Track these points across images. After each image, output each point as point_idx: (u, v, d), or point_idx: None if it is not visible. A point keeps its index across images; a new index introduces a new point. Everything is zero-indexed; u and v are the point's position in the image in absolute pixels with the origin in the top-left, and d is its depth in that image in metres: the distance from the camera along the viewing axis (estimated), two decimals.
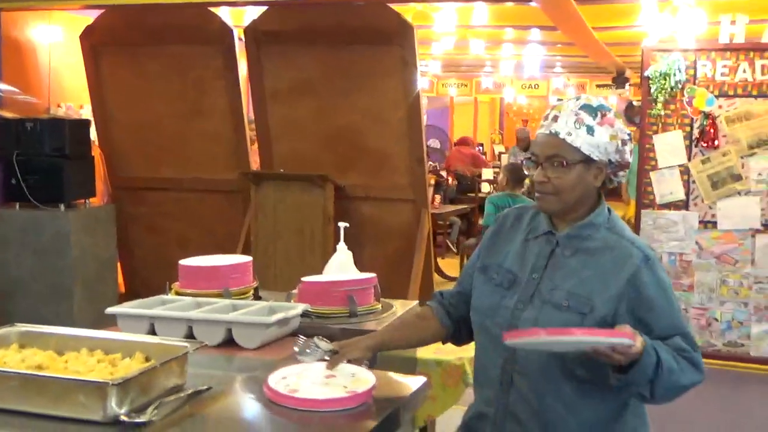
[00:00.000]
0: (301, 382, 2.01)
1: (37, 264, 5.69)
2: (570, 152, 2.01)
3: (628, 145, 2.05)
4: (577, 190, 2.04)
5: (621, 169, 2.08)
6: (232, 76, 6.13)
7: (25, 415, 1.91)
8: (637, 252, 2.02)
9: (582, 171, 2.03)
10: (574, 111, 2.03)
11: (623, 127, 2.05)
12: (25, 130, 5.65)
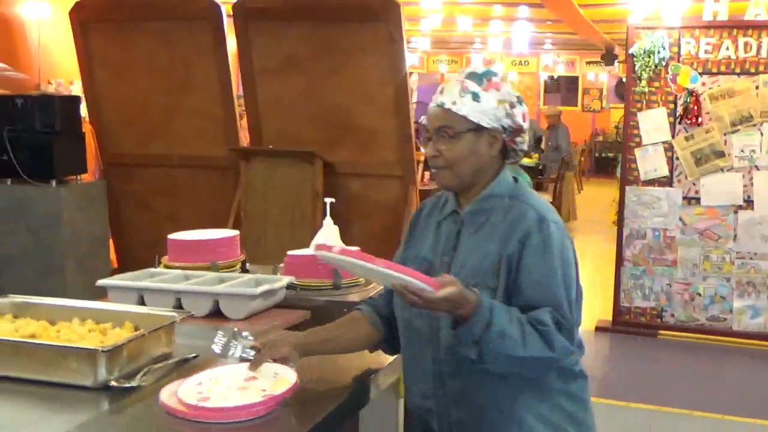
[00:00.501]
0: (215, 389, 1.84)
1: (29, 240, 5.75)
2: (457, 121, 1.92)
3: (518, 108, 1.96)
4: (470, 161, 1.93)
5: (517, 134, 1.97)
6: (220, 52, 6.16)
7: (19, 381, 2.00)
8: (532, 213, 1.91)
9: (472, 140, 1.93)
10: (460, 80, 1.95)
11: (511, 91, 1.96)
12: (16, 107, 5.68)
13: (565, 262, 1.88)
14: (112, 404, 1.90)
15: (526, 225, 1.88)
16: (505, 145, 1.98)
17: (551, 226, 1.89)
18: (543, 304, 1.83)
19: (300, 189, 5.93)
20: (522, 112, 1.96)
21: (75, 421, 1.77)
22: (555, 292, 1.85)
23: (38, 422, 1.80)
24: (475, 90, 1.92)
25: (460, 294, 1.75)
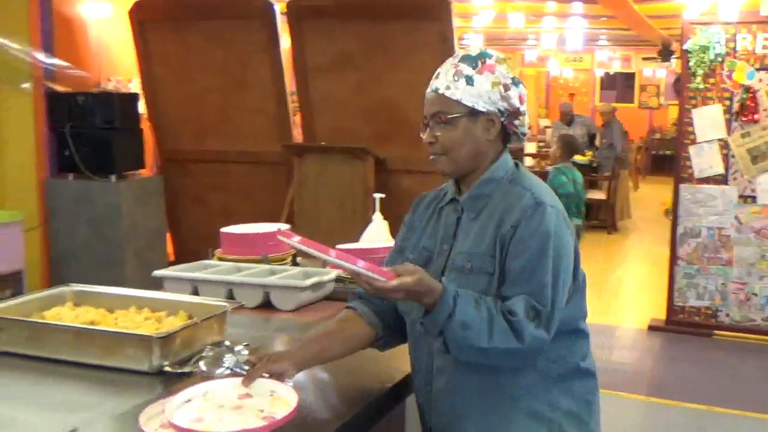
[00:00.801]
0: (207, 409, 1.67)
1: (90, 233, 5.93)
2: (451, 106, 1.86)
3: (514, 90, 1.88)
4: (467, 146, 1.87)
5: (514, 117, 1.90)
6: (274, 50, 6.26)
7: (80, 365, 2.09)
8: (529, 197, 1.83)
9: (468, 124, 1.86)
10: (453, 64, 1.88)
11: (506, 72, 1.88)
12: (77, 104, 5.87)
13: (558, 249, 1.79)
14: (166, 388, 1.98)
15: (520, 209, 1.81)
16: (505, 128, 1.91)
17: (547, 210, 1.80)
18: (524, 291, 1.75)
19: (352, 185, 6.00)
20: (518, 93, 1.88)
21: (131, 403, 1.85)
22: (540, 279, 1.76)
23: (97, 404, 1.89)
24: (469, 73, 1.85)
25: (418, 283, 1.69)
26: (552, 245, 1.78)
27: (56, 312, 2.34)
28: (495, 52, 1.92)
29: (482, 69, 1.85)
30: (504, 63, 1.89)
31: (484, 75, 1.85)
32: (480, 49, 1.91)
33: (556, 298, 1.77)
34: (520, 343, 1.71)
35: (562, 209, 1.87)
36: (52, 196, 5.99)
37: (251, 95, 6.44)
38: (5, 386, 1.97)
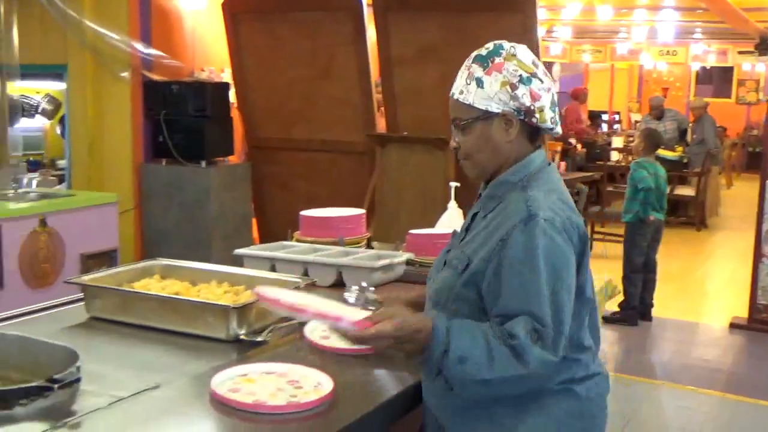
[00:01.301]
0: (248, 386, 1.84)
1: (181, 216, 6.21)
2: (464, 111, 1.83)
3: (522, 88, 1.79)
4: (486, 150, 1.83)
5: (530, 115, 1.81)
6: (360, 41, 6.41)
7: (163, 331, 2.27)
8: (523, 209, 1.74)
9: (484, 128, 1.82)
10: (467, 65, 1.84)
11: (516, 69, 1.79)
12: (171, 92, 6.15)
13: (552, 264, 1.69)
14: (240, 355, 2.13)
15: (511, 222, 1.74)
16: (529, 126, 1.83)
17: (538, 225, 1.71)
18: (520, 312, 1.67)
19: (432, 175, 6.09)
20: (528, 90, 1.78)
21: (207, 366, 2.01)
22: (534, 298, 1.66)
23: (177, 365, 2.05)
24: (479, 75, 1.80)
25: (400, 327, 1.66)
26: (543, 261, 1.68)
27: (144, 283, 2.53)
28: (509, 45, 1.84)
29: (491, 69, 1.79)
30: (513, 59, 1.80)
31: (492, 75, 1.79)
32: (494, 44, 1.84)
33: (560, 316, 1.68)
34: (524, 368, 1.63)
35: (565, 219, 1.75)
36: (146, 180, 6.30)
37: (337, 85, 6.60)
38: (97, 347, 2.15)
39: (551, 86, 1.85)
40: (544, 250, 1.69)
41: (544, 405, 1.77)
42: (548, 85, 1.83)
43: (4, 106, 6.18)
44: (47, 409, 1.71)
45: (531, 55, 1.84)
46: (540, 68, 1.84)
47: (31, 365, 1.91)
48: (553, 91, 1.85)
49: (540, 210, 1.73)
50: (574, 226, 1.77)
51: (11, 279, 4.56)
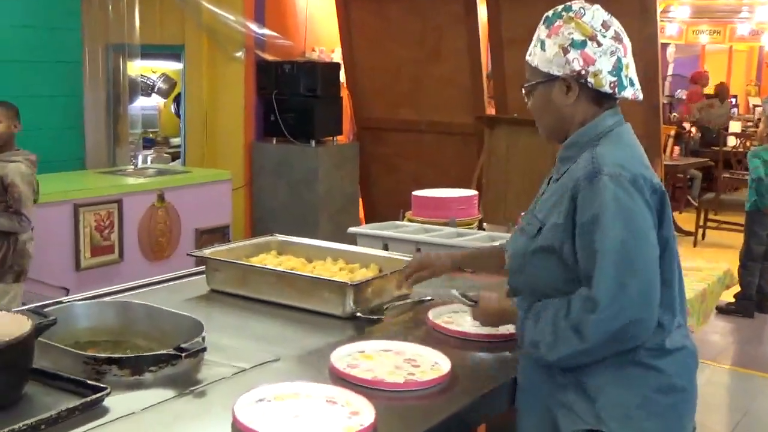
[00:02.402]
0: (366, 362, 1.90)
1: (289, 194, 6.31)
2: (531, 74, 1.83)
3: (573, 52, 1.75)
4: (549, 113, 1.82)
5: (583, 78, 1.76)
6: (471, 22, 6.34)
7: (280, 306, 2.31)
8: (588, 166, 1.71)
9: (545, 91, 1.81)
10: (538, 27, 1.83)
11: (573, 29, 1.75)
12: (284, 72, 6.24)
13: (619, 220, 1.64)
14: (356, 332, 2.15)
15: (577, 179, 1.71)
16: (592, 89, 1.77)
17: (602, 180, 1.67)
18: (588, 275, 1.66)
19: (540, 157, 5.98)
20: (579, 54, 1.74)
21: (325, 341, 2.04)
22: (594, 265, 1.64)
23: (296, 339, 2.09)
24: (542, 37, 1.78)
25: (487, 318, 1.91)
26: (609, 218, 1.64)
27: (261, 258, 2.58)
28: (578, 5, 1.79)
29: (551, 32, 1.77)
30: (572, 21, 1.76)
31: (551, 38, 1.77)
32: (563, 6, 1.80)
33: (630, 273, 1.62)
34: (585, 343, 1.64)
35: (635, 174, 1.69)
36: (257, 158, 6.42)
37: (446, 66, 6.56)
38: (218, 318, 2.21)
39: (616, 48, 1.77)
40: (610, 206, 1.65)
41: (626, 376, 1.71)
42: (610, 48, 1.76)
43: (125, 85, 6.42)
44: (175, 377, 1.76)
45: (602, 17, 1.78)
46: (608, 31, 1.77)
47: (157, 334, 1.98)
48: (619, 54, 1.77)
49: (605, 166, 1.69)
50: (645, 181, 1.70)
51: (130, 251, 4.75)
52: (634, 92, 1.80)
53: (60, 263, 4.40)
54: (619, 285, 1.61)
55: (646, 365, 1.71)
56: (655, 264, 1.66)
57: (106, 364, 1.73)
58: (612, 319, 1.61)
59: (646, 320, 1.65)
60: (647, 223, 1.67)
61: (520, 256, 1.82)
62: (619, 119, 1.82)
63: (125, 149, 6.40)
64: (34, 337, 1.64)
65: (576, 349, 1.65)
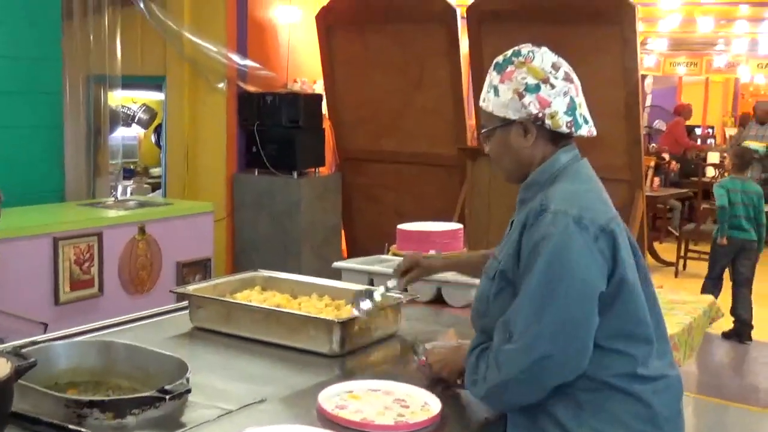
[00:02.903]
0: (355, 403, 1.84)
1: (271, 226, 6.27)
2: (486, 119, 1.85)
3: (528, 96, 1.76)
4: (508, 156, 1.84)
5: (539, 120, 1.77)
6: (453, 53, 6.36)
7: (266, 343, 2.27)
8: (537, 202, 1.74)
9: (503, 135, 1.83)
10: (489, 73, 1.84)
11: (525, 74, 1.77)
12: (266, 103, 6.22)
13: (552, 256, 1.66)
14: (343, 370, 2.12)
15: (527, 215, 1.73)
16: (547, 130, 1.79)
17: (545, 218, 1.69)
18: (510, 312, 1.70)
19: None
20: (534, 98, 1.75)
21: (312, 381, 1.99)
22: (522, 294, 1.68)
23: (282, 378, 2.05)
24: (495, 83, 1.80)
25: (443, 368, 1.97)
26: (543, 253, 1.66)
27: (246, 294, 2.54)
28: (527, 50, 1.81)
29: (504, 77, 1.79)
30: (524, 66, 1.78)
31: (505, 84, 1.79)
32: (512, 51, 1.82)
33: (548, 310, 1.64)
34: (500, 374, 1.69)
35: (581, 211, 1.69)
36: (238, 190, 6.39)
37: (428, 97, 6.58)
38: (202, 358, 2.16)
39: (568, 89, 1.79)
40: (547, 241, 1.67)
41: (603, 405, 1.71)
42: (563, 89, 1.78)
43: (106, 116, 6.38)
44: (158, 420, 1.72)
45: (551, 59, 1.80)
46: (558, 72, 1.79)
47: (140, 374, 1.93)
48: (572, 95, 1.79)
49: (552, 203, 1.71)
50: (593, 221, 1.69)
51: (110, 285, 4.68)
52: (589, 129, 1.82)
53: (38, 297, 4.32)
54: (533, 319, 1.64)
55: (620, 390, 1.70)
56: (582, 303, 1.66)
57: (88, 407, 1.67)
58: (522, 352, 1.65)
59: (557, 357, 1.65)
60: (582, 261, 1.66)
61: (484, 299, 1.82)
62: (575, 155, 1.84)
63: (105, 180, 6.34)
64: (13, 381, 1.59)
65: (496, 381, 1.69)
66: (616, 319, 1.71)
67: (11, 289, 4.15)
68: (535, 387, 1.69)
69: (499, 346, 1.68)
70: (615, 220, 1.75)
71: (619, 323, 1.71)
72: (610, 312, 1.70)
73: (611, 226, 1.72)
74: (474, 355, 1.78)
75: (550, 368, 1.65)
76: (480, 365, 1.75)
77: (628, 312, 1.72)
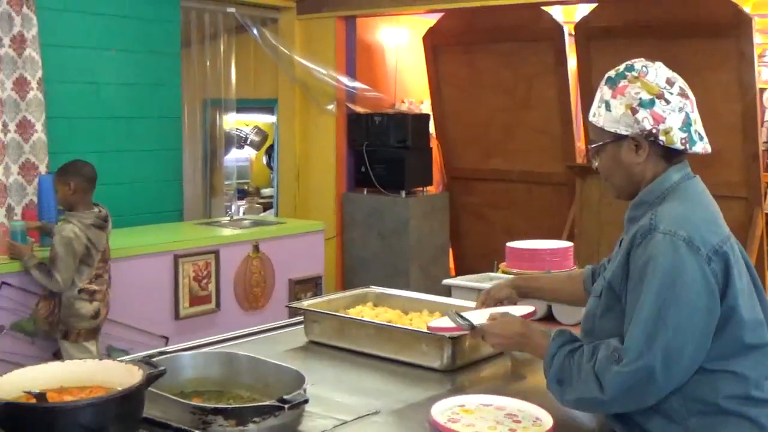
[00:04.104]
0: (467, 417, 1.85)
1: (379, 245, 6.36)
2: (597, 134, 1.83)
3: (642, 112, 1.73)
4: (619, 172, 1.82)
5: (653, 137, 1.75)
6: (561, 71, 6.33)
7: (377, 357, 2.33)
8: (646, 221, 1.70)
9: (614, 150, 1.81)
10: (600, 87, 1.84)
11: (639, 89, 1.75)
12: (374, 124, 6.34)
13: (663, 280, 1.63)
14: (454, 385, 2.15)
15: (634, 235, 1.70)
16: (660, 146, 1.77)
17: (655, 237, 1.66)
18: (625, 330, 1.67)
19: None
20: (648, 113, 1.73)
21: (424, 395, 2.04)
22: (634, 317, 1.65)
23: (395, 392, 2.10)
24: (607, 98, 1.79)
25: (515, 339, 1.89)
26: (654, 277, 1.64)
27: (358, 310, 2.60)
28: (641, 65, 1.79)
29: (616, 92, 1.77)
30: (637, 81, 1.76)
31: (617, 99, 1.77)
32: (625, 65, 1.81)
33: (661, 335, 1.61)
34: (602, 394, 1.65)
35: (692, 233, 1.65)
36: (348, 209, 6.51)
37: (536, 115, 6.56)
38: (317, 371, 2.23)
39: (684, 104, 1.76)
40: (656, 263, 1.64)
41: (716, 427, 1.67)
42: (678, 105, 1.75)
43: (221, 138, 6.64)
44: (277, 428, 1.78)
45: (666, 74, 1.78)
46: (673, 87, 1.77)
47: (260, 385, 2.01)
48: (687, 110, 1.76)
49: (661, 223, 1.68)
50: (705, 242, 1.66)
51: (226, 301, 4.85)
52: (704, 146, 1.79)
53: (160, 312, 4.52)
54: (645, 345, 1.62)
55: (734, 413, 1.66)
56: (692, 328, 1.63)
57: (212, 414, 1.76)
58: (631, 376, 1.63)
59: (664, 383, 1.64)
60: (695, 285, 1.63)
61: (590, 317, 1.82)
62: (686, 173, 1.81)
63: (220, 200, 6.59)
64: (145, 387, 1.69)
65: (594, 396, 1.66)
66: (726, 342, 1.68)
67: (135, 304, 4.36)
68: (633, 406, 1.69)
69: (604, 364, 1.65)
70: (728, 241, 1.72)
71: (728, 345, 1.68)
72: (721, 334, 1.67)
73: (724, 248, 1.69)
74: (560, 356, 1.75)
75: (654, 392, 1.65)
76: (570, 368, 1.72)
77: (737, 335, 1.69)
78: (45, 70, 4.71)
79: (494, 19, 6.41)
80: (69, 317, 3.85)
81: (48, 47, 4.75)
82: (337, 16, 6.35)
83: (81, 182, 3.87)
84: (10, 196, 4.65)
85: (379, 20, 6.82)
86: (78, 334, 3.87)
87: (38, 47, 4.69)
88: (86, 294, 3.85)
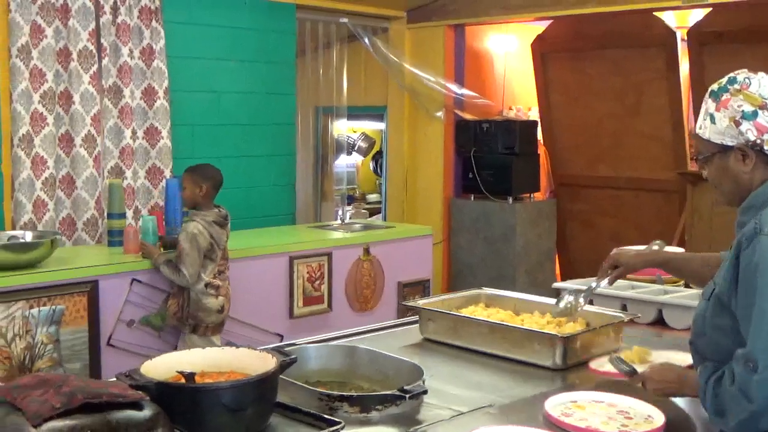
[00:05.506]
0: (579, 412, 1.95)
1: (486, 250, 6.43)
2: (704, 146, 1.86)
3: (745, 124, 1.76)
4: (727, 181, 1.86)
5: (759, 146, 1.78)
6: (673, 77, 6.26)
7: (489, 355, 2.42)
8: (751, 224, 1.71)
9: (721, 161, 1.84)
10: (705, 100, 1.88)
11: (741, 101, 1.78)
12: (482, 130, 6.42)
13: None
14: (565, 383, 2.21)
15: (740, 239, 1.72)
16: (766, 154, 1.80)
17: (761, 241, 1.67)
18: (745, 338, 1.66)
19: None
20: (752, 125, 1.77)
21: (536, 391, 2.12)
22: (753, 323, 1.63)
23: (508, 388, 2.18)
24: (711, 111, 1.84)
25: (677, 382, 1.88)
26: (763, 278, 1.64)
27: (471, 310, 2.70)
28: (743, 76, 1.82)
29: (719, 106, 1.82)
30: (740, 93, 1.80)
31: (721, 111, 1.81)
32: (727, 78, 1.84)
33: None
34: (751, 404, 1.61)
35: None
36: (455, 214, 6.60)
37: (646, 122, 6.50)
38: (432, 366, 2.33)
39: None
40: (765, 266, 1.64)
41: None
42: None
43: (331, 144, 6.85)
44: (398, 416, 1.90)
45: None
46: None
47: (379, 377, 2.14)
48: None
49: (765, 225, 1.69)
50: None
51: (338, 302, 5.01)
52: None
53: (275, 311, 4.72)
54: None
55: None
56: None
57: (339, 401, 1.90)
58: None
59: None
60: None
61: (701, 319, 1.85)
62: None
63: (330, 205, 6.80)
64: (279, 373, 1.83)
65: (747, 411, 1.63)
66: None
67: (251, 303, 4.57)
68: None
69: (744, 378, 1.64)
70: None
71: None
72: None
73: None
74: (710, 388, 1.75)
75: None
76: (722, 396, 1.70)
77: None
78: (170, 79, 5.01)
79: (604, 25, 6.39)
80: (198, 312, 4.06)
81: (174, 58, 5.05)
82: (446, 24, 6.46)
83: (211, 186, 4.10)
84: (138, 199, 4.96)
85: (488, 28, 6.90)
86: (206, 329, 4.09)
87: (165, 58, 5.00)
88: (212, 288, 4.07)
